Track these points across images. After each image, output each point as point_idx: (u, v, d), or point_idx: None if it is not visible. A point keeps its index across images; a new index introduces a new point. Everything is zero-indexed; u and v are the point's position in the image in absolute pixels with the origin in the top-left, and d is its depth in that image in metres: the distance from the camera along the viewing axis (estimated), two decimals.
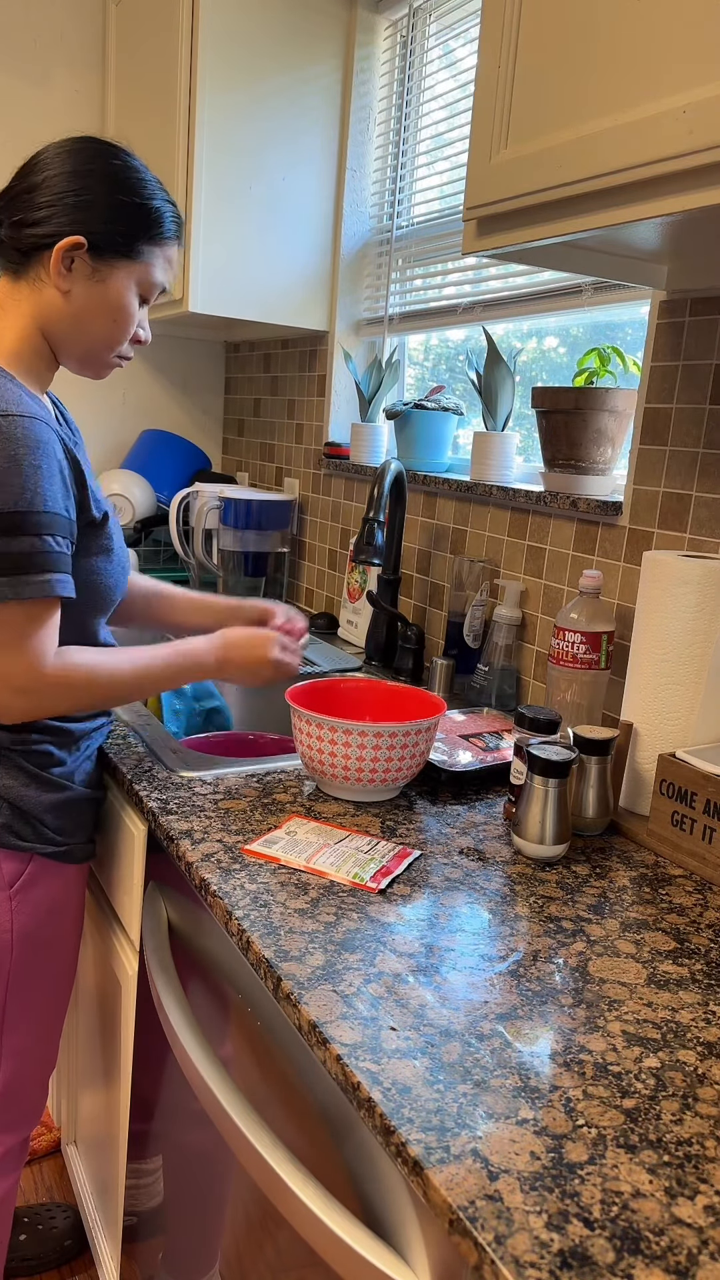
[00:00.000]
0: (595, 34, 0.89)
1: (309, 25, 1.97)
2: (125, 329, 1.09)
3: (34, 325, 1.06)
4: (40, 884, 1.10)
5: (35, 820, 1.09)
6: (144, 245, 1.06)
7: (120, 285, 1.06)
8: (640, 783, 1.14)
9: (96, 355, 1.10)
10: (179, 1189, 1.14)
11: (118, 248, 1.04)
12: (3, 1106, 1.14)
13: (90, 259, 1.04)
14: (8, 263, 1.06)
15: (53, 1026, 1.18)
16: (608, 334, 1.60)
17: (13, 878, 1.08)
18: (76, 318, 1.06)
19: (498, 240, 1.05)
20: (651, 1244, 0.53)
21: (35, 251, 1.03)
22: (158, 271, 1.09)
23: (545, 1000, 0.75)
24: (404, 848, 1.00)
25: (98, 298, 1.06)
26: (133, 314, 1.09)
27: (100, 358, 1.10)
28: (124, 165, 1.06)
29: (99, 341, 1.08)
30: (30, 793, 1.08)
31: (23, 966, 1.11)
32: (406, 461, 1.84)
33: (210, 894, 0.88)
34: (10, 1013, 1.11)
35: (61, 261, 1.02)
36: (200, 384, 2.70)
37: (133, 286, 1.08)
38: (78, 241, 1.02)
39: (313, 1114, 0.77)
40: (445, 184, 1.87)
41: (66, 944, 1.17)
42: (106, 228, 1.03)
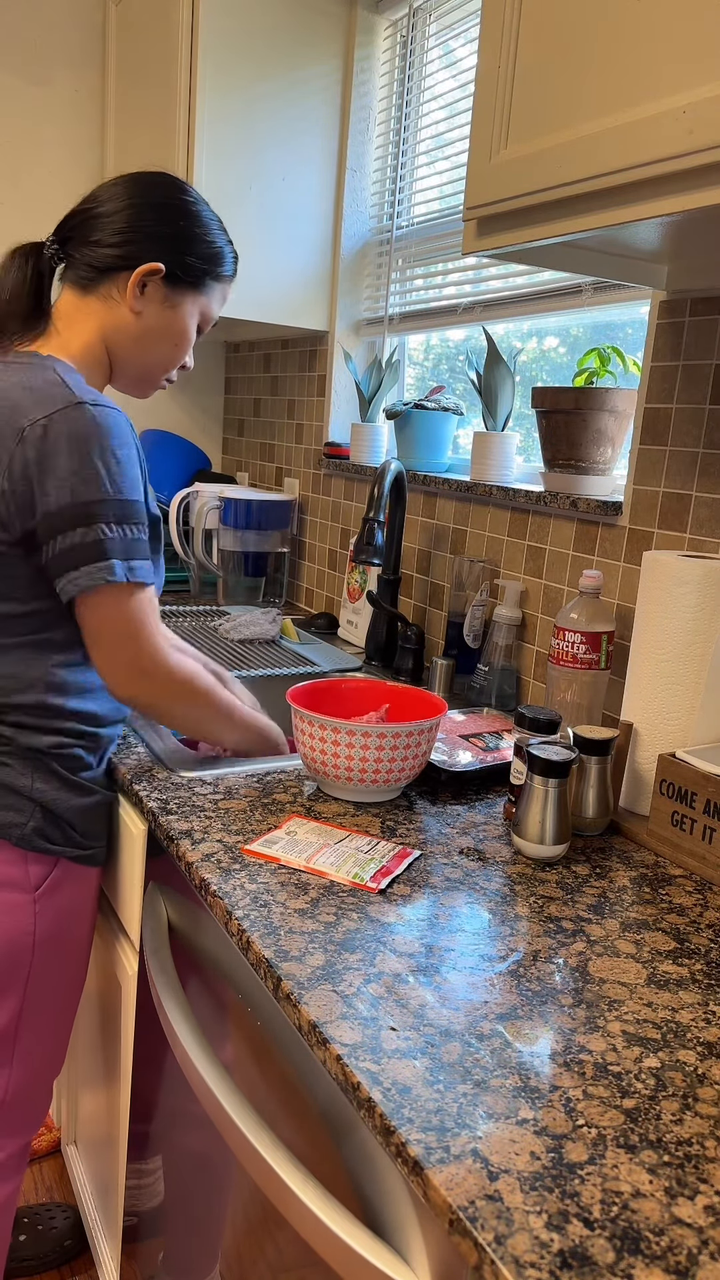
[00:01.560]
0: (595, 34, 0.89)
1: (309, 25, 1.97)
2: (183, 354, 1.17)
3: (99, 339, 1.12)
4: (64, 887, 1.11)
5: (66, 824, 1.10)
6: (210, 280, 1.15)
7: (186, 313, 1.14)
8: (640, 783, 1.14)
9: (151, 375, 1.17)
10: (179, 1190, 1.14)
11: (189, 279, 1.13)
12: (12, 1109, 1.14)
13: (165, 286, 1.12)
14: (77, 278, 1.11)
15: (64, 1030, 1.19)
16: (608, 334, 1.60)
17: (39, 881, 1.08)
18: (142, 337, 1.13)
19: (498, 240, 1.05)
20: (651, 1244, 0.53)
21: (110, 271, 1.10)
22: (216, 305, 1.18)
23: (545, 1000, 0.75)
24: (404, 848, 1.00)
25: (165, 322, 1.13)
26: (191, 341, 1.17)
27: (153, 378, 1.17)
28: (197, 202, 1.14)
29: (157, 363, 1.16)
30: (63, 797, 1.09)
31: (43, 970, 1.12)
32: (406, 461, 1.83)
33: (210, 894, 0.88)
34: (27, 1016, 1.11)
35: (137, 284, 1.10)
36: (200, 384, 2.70)
37: (195, 315, 1.16)
38: (157, 268, 1.10)
39: (313, 1114, 0.77)
40: (445, 184, 1.87)
41: (81, 947, 1.17)
42: (182, 259, 1.11)
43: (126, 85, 2.23)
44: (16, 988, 1.09)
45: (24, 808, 1.06)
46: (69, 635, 1.08)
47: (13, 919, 1.07)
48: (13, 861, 1.06)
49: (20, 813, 1.06)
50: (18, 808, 1.06)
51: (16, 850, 1.06)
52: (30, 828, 1.07)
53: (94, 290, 1.10)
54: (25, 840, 1.06)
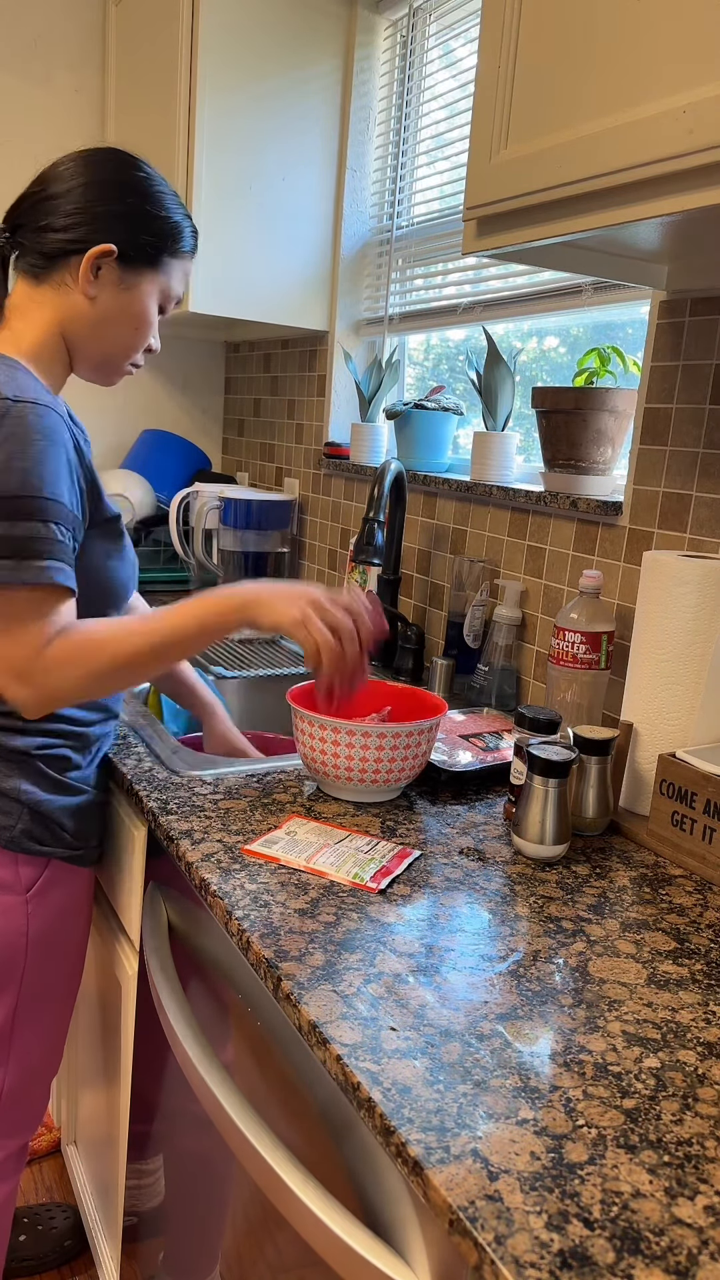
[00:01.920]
0: (595, 34, 0.89)
1: (309, 25, 1.97)
2: (144, 337, 1.12)
3: (55, 328, 1.07)
4: (56, 888, 1.11)
5: (54, 824, 1.09)
6: (168, 257, 1.09)
7: (144, 294, 1.09)
8: (640, 783, 1.13)
9: (113, 362, 1.12)
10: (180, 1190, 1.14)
11: (145, 258, 1.07)
12: (8, 1109, 1.14)
13: (119, 267, 1.06)
14: (28, 266, 1.07)
15: (59, 1031, 1.19)
16: (608, 334, 1.60)
17: (30, 882, 1.08)
18: (99, 323, 1.08)
19: (498, 240, 1.05)
20: (651, 1244, 0.53)
21: (61, 257, 1.05)
22: (177, 283, 1.12)
23: (545, 1000, 0.75)
24: (404, 848, 1.00)
25: (123, 305, 1.08)
26: (152, 323, 1.11)
27: (116, 364, 1.12)
28: (148, 178, 1.08)
29: (118, 348, 1.10)
30: (49, 797, 1.08)
31: (36, 970, 1.11)
32: (406, 461, 1.83)
33: (210, 894, 0.88)
34: (20, 1016, 1.11)
35: (91, 268, 1.05)
36: (200, 384, 2.70)
37: (155, 296, 1.10)
38: (108, 250, 1.04)
39: (313, 1114, 0.77)
40: (445, 184, 1.87)
41: (76, 947, 1.17)
42: (135, 238, 1.06)
43: (126, 85, 2.23)
44: (10, 989, 1.09)
45: (11, 809, 1.06)
46: None
47: (4, 920, 1.07)
48: (2, 863, 1.06)
49: (8, 815, 1.06)
50: (5, 809, 1.06)
51: (6, 852, 1.06)
52: (19, 829, 1.06)
53: (46, 278, 1.06)
54: (14, 842, 1.06)
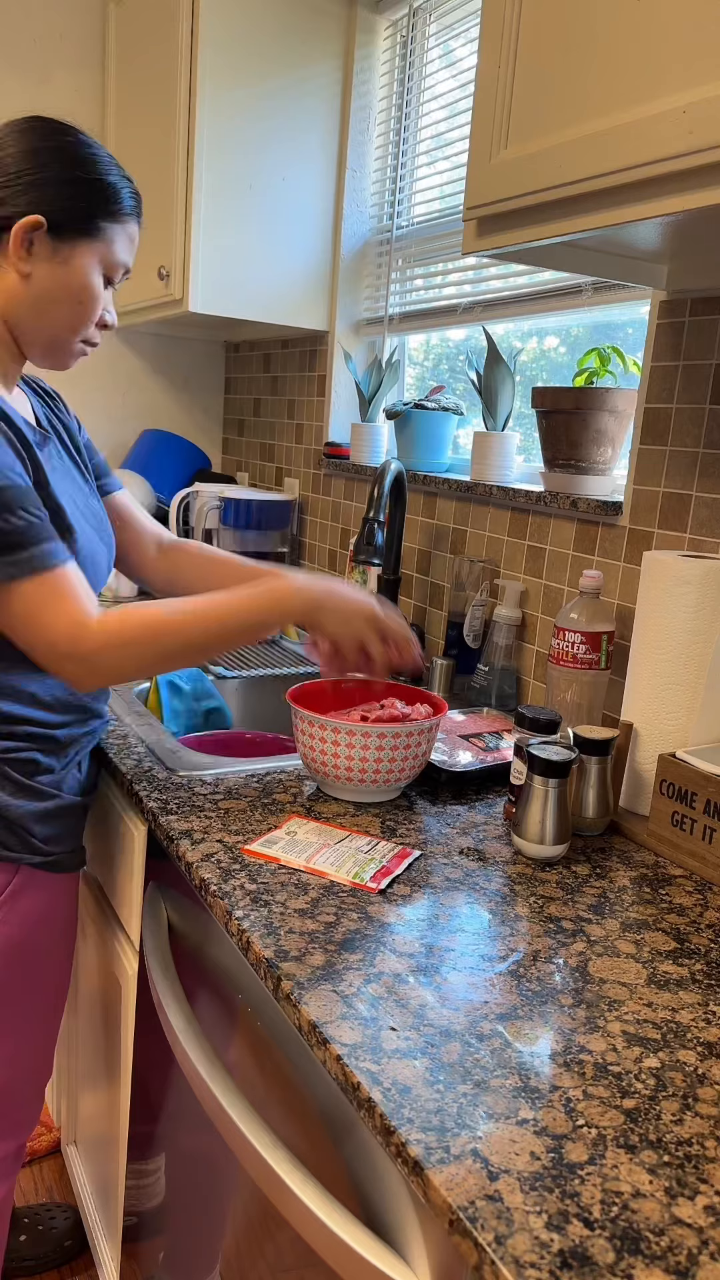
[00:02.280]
0: (595, 34, 0.89)
1: (309, 25, 1.97)
2: (91, 311, 1.05)
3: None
4: (28, 894, 1.08)
5: (22, 830, 1.06)
6: (104, 222, 1.02)
7: (83, 265, 1.02)
8: (640, 783, 1.13)
9: (61, 341, 1.05)
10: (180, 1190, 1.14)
11: (78, 226, 1.01)
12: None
13: (50, 239, 1.00)
14: None
15: (46, 1036, 1.17)
16: (608, 334, 1.60)
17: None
18: (39, 301, 1.02)
19: (498, 240, 1.05)
20: (651, 1244, 0.53)
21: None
22: (120, 250, 1.05)
23: (545, 1000, 0.75)
24: (404, 848, 1.00)
25: (60, 279, 1.02)
26: (98, 295, 1.04)
27: (65, 344, 1.06)
28: (77, 141, 1.02)
29: (63, 325, 1.04)
30: (16, 802, 1.05)
31: (11, 977, 1.09)
32: (406, 461, 1.83)
33: (210, 894, 0.88)
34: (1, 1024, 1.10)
35: (21, 243, 0.99)
36: (200, 384, 2.70)
37: (96, 266, 1.03)
38: (36, 221, 0.98)
39: (313, 1114, 0.77)
40: (445, 184, 1.87)
41: (57, 954, 1.15)
42: (66, 205, 0.99)
43: (126, 85, 2.23)
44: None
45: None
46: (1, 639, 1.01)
47: None
48: None
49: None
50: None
51: None
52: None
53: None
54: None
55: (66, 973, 1.19)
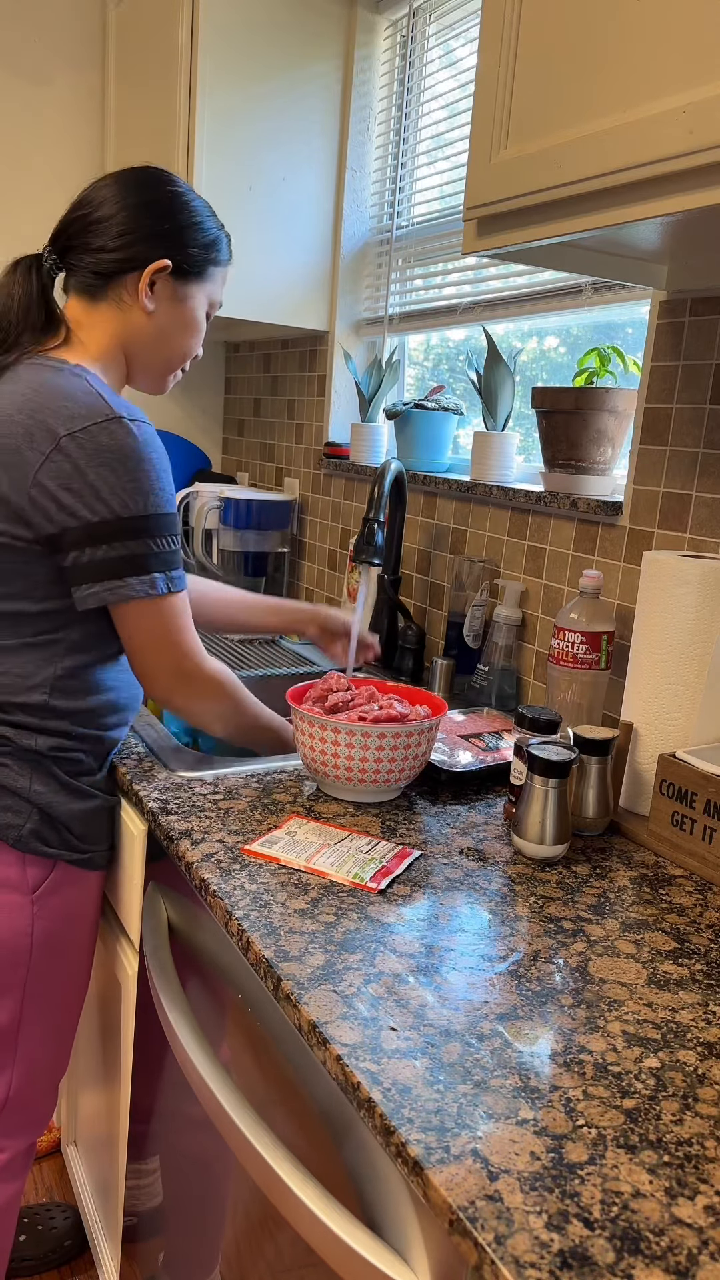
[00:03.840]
0: (595, 34, 0.89)
1: (309, 25, 1.97)
2: (196, 343, 1.20)
3: (117, 344, 1.14)
4: (62, 890, 1.11)
5: (63, 827, 1.10)
6: (212, 267, 1.17)
7: (195, 304, 1.17)
8: (640, 783, 1.13)
9: (170, 369, 1.20)
10: (179, 1191, 1.14)
11: (193, 270, 1.15)
12: (12, 1111, 1.14)
13: (172, 281, 1.13)
14: (83, 285, 1.12)
15: (66, 1033, 1.19)
16: (608, 334, 1.60)
17: (36, 883, 1.08)
18: (159, 335, 1.15)
19: (498, 240, 1.05)
20: (651, 1244, 0.53)
21: (116, 275, 1.11)
22: (218, 290, 1.21)
23: (545, 1000, 0.75)
24: (404, 848, 1.00)
25: (177, 316, 1.16)
26: (203, 328, 1.20)
27: (172, 371, 1.20)
28: (186, 193, 1.15)
29: (177, 356, 1.19)
30: (61, 800, 1.09)
31: (41, 972, 1.11)
32: (406, 461, 1.83)
33: (210, 894, 0.88)
34: (26, 1017, 1.11)
35: (148, 284, 1.11)
36: (200, 384, 2.70)
37: (204, 304, 1.19)
38: (164, 265, 1.11)
39: (313, 1114, 0.77)
40: (445, 184, 1.87)
41: (83, 950, 1.17)
42: (184, 252, 1.13)
43: (126, 85, 2.23)
44: (15, 989, 1.09)
45: (21, 809, 1.06)
46: (80, 638, 1.08)
47: (9, 920, 1.07)
48: (10, 863, 1.06)
49: (18, 814, 1.06)
50: (15, 809, 1.06)
51: (14, 852, 1.06)
52: (27, 829, 1.06)
53: (102, 296, 1.12)
54: (21, 842, 1.06)
55: (88, 971, 1.20)
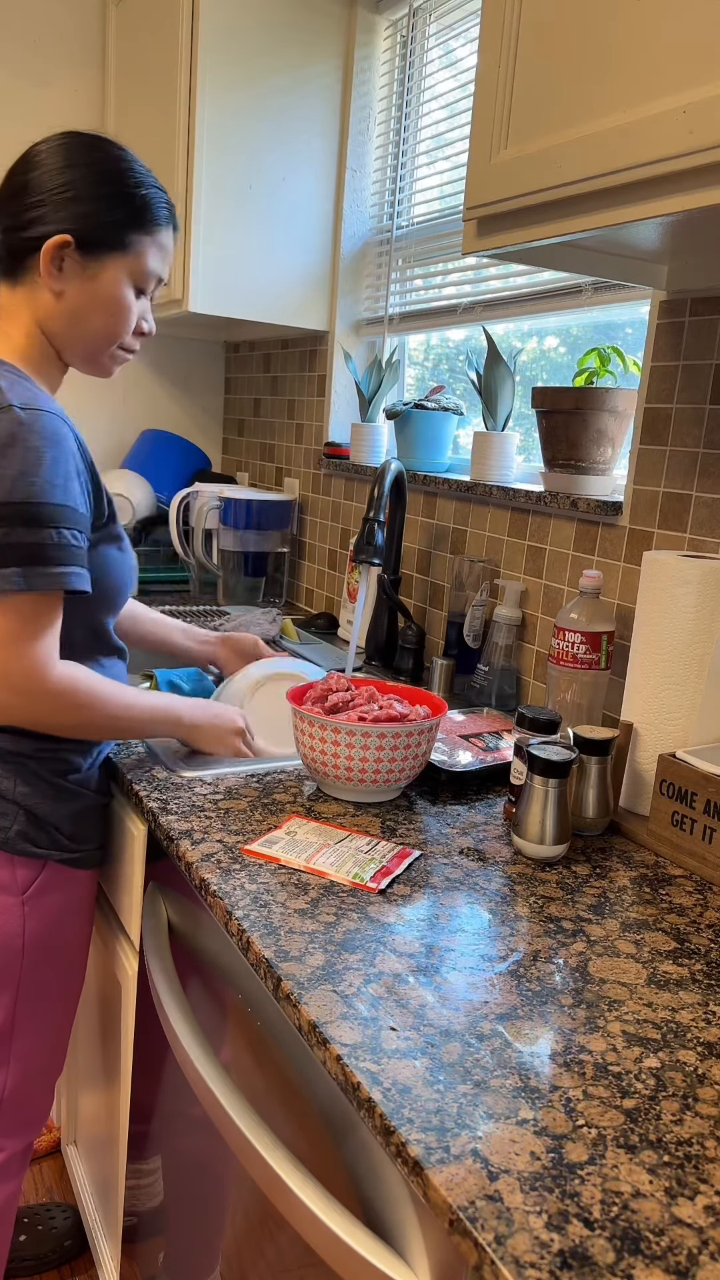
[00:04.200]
0: (595, 34, 0.89)
1: (309, 25, 1.97)
2: (123, 322, 1.08)
3: (35, 328, 1.06)
4: (53, 890, 1.11)
5: (51, 827, 1.09)
6: (133, 235, 1.05)
7: (112, 278, 1.05)
8: (640, 783, 1.13)
9: (98, 351, 1.09)
10: (179, 1192, 1.14)
11: (106, 241, 1.04)
12: (8, 1111, 1.14)
13: (80, 256, 1.03)
14: (4, 269, 1.06)
15: (61, 1032, 1.18)
16: (608, 334, 1.60)
17: (26, 884, 1.08)
18: (73, 316, 1.05)
19: (498, 240, 1.05)
20: (651, 1244, 0.53)
21: (27, 255, 1.03)
22: (151, 261, 1.08)
23: (545, 1000, 0.75)
24: (404, 848, 1.00)
25: (90, 294, 1.05)
26: (129, 306, 1.08)
27: (102, 353, 1.10)
28: (106, 156, 1.04)
29: (98, 338, 1.08)
30: (47, 800, 1.08)
31: (34, 972, 1.11)
32: (406, 461, 1.83)
33: (210, 894, 0.88)
34: (20, 1017, 1.11)
35: (51, 262, 1.02)
36: (200, 384, 2.70)
37: (125, 279, 1.06)
38: (64, 240, 1.01)
39: (313, 1114, 0.77)
40: (445, 184, 1.87)
41: (77, 950, 1.17)
42: (93, 222, 1.02)
43: (126, 85, 2.23)
44: (8, 990, 1.09)
45: (7, 811, 1.06)
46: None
47: (1, 922, 1.06)
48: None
49: (3, 816, 1.05)
50: (1, 811, 1.05)
51: (2, 854, 1.06)
52: (14, 831, 1.06)
53: (19, 279, 1.05)
54: (9, 844, 1.06)
55: (83, 970, 1.20)
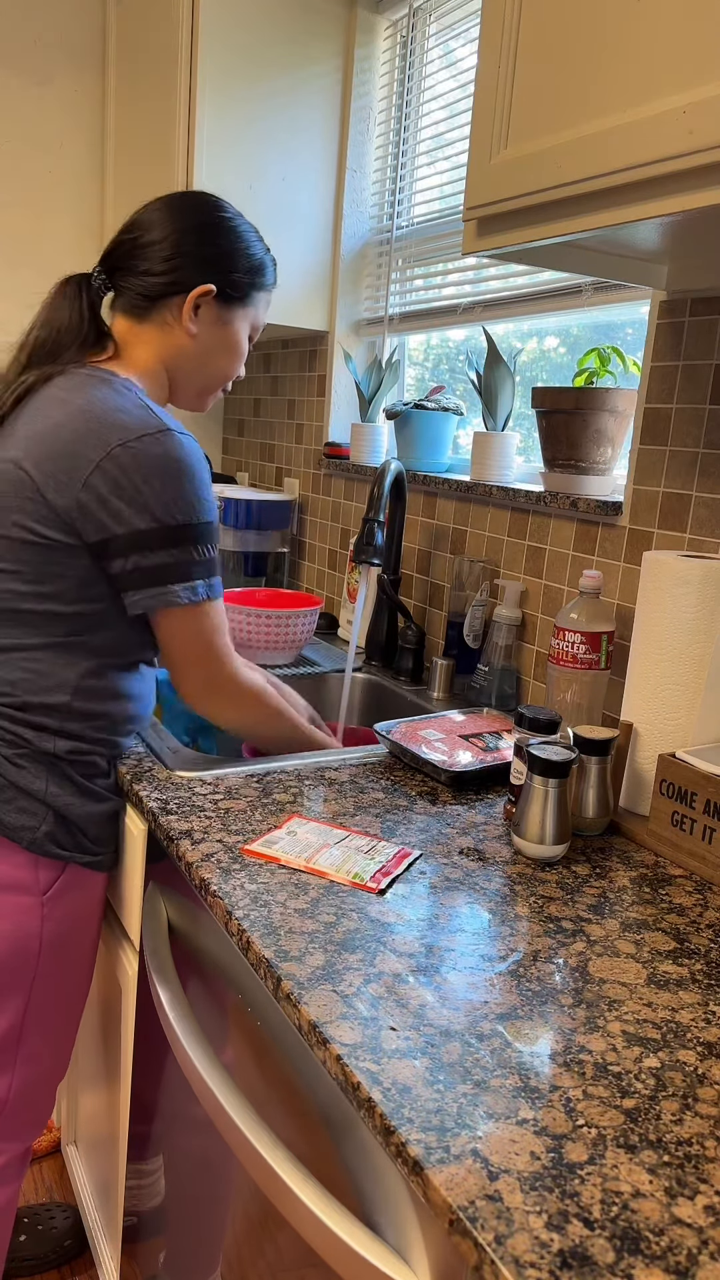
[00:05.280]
0: (595, 34, 0.89)
1: (309, 25, 1.97)
2: (239, 365, 1.23)
3: (159, 364, 1.17)
4: (71, 892, 1.11)
5: (78, 830, 1.10)
6: (255, 292, 1.20)
7: (238, 327, 1.20)
8: (640, 783, 1.13)
9: (212, 390, 1.23)
10: (180, 1192, 1.14)
11: (238, 294, 1.18)
12: (12, 1113, 1.14)
13: (216, 305, 1.16)
14: (130, 305, 1.16)
15: (67, 1035, 1.19)
16: (608, 334, 1.60)
17: (48, 885, 1.09)
18: (201, 356, 1.18)
19: (498, 240, 1.05)
20: (651, 1244, 0.53)
21: (162, 297, 1.14)
22: (262, 314, 1.24)
23: (545, 1000, 0.75)
24: (404, 848, 1.00)
25: (220, 339, 1.19)
26: (245, 352, 1.23)
27: (214, 392, 1.24)
28: (235, 218, 1.18)
29: (217, 377, 1.22)
30: (77, 802, 1.09)
31: (48, 973, 1.12)
32: (406, 461, 1.83)
33: (210, 894, 0.88)
34: (31, 1019, 1.11)
35: (192, 307, 1.15)
36: None
37: (247, 328, 1.22)
38: (209, 290, 1.14)
39: (312, 1114, 0.77)
40: (445, 184, 1.87)
41: (87, 952, 1.17)
42: (229, 277, 1.16)
43: (126, 85, 2.23)
44: (22, 990, 1.09)
45: (37, 811, 1.07)
46: (102, 643, 1.09)
47: (21, 921, 1.07)
48: (23, 865, 1.06)
49: (33, 816, 1.06)
50: (31, 811, 1.06)
51: (27, 854, 1.07)
52: (42, 832, 1.07)
53: (148, 317, 1.15)
54: (36, 844, 1.06)
55: (91, 972, 1.21)
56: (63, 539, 1.03)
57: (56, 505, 1.02)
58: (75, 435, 1.02)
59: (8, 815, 1.05)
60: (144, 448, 1.02)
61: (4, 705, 1.06)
